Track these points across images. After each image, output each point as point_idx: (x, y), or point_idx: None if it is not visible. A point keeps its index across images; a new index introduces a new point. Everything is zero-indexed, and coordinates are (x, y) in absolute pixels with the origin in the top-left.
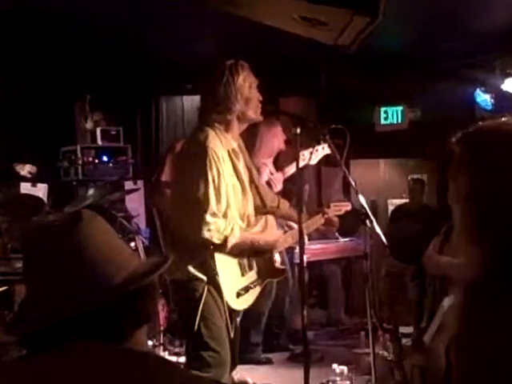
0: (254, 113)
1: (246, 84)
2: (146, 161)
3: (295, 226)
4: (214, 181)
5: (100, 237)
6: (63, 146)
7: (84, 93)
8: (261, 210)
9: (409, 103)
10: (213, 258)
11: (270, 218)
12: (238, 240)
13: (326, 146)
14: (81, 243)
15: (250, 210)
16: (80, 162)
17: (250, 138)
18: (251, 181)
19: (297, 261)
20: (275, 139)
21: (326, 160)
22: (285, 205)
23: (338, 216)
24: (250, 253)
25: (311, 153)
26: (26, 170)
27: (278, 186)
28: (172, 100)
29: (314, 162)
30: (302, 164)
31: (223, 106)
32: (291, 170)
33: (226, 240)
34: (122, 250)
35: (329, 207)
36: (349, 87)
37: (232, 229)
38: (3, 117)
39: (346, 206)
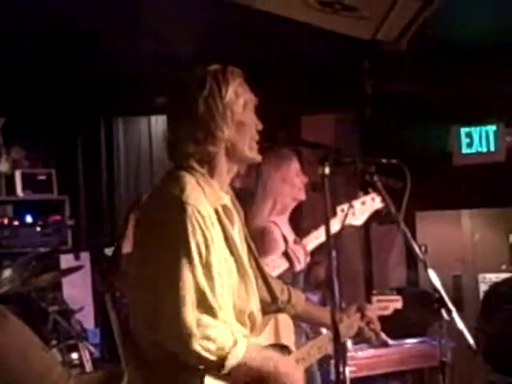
0: (248, 148)
1: (239, 100)
2: (93, 222)
3: (322, 329)
4: (201, 256)
5: (14, 354)
6: None
7: None
8: (268, 307)
9: (505, 120)
10: None
11: (283, 318)
12: (244, 359)
13: (376, 195)
14: None
15: (254, 304)
16: None
17: (249, 183)
18: (252, 258)
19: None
20: (286, 185)
21: (376, 213)
22: (299, 299)
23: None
24: (256, 381)
25: (351, 207)
26: None
27: (299, 262)
28: (133, 123)
29: (359, 222)
30: (335, 226)
31: (205, 131)
32: (317, 239)
33: (223, 360)
34: (46, 370)
35: (370, 302)
36: (409, 97)
37: (235, 343)
38: None
39: (395, 302)
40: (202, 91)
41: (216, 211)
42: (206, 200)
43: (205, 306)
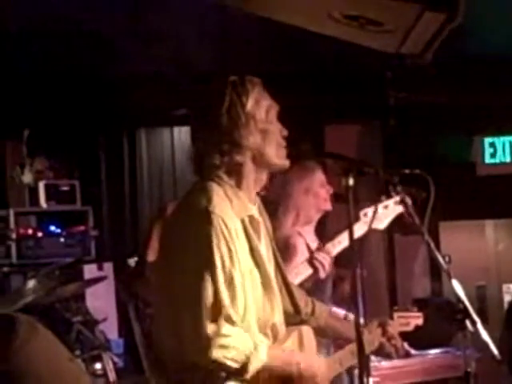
0: (275, 154)
1: (260, 108)
2: (116, 232)
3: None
4: (224, 267)
5: (43, 364)
6: None
7: (19, 127)
8: (292, 318)
9: None
10: None
11: (307, 330)
12: (265, 363)
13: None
14: (15, 375)
15: (278, 315)
16: (13, 235)
17: (274, 193)
18: (278, 269)
19: None
20: (310, 196)
21: (400, 224)
22: (323, 311)
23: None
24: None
25: (375, 212)
26: None
27: (323, 269)
28: (156, 134)
29: (382, 226)
30: (359, 231)
31: (230, 142)
32: (340, 244)
33: (245, 365)
34: (74, 380)
35: (391, 318)
36: (433, 107)
37: (256, 347)
38: None
39: (417, 318)
40: (222, 103)
41: (242, 222)
42: (233, 211)
43: (225, 316)
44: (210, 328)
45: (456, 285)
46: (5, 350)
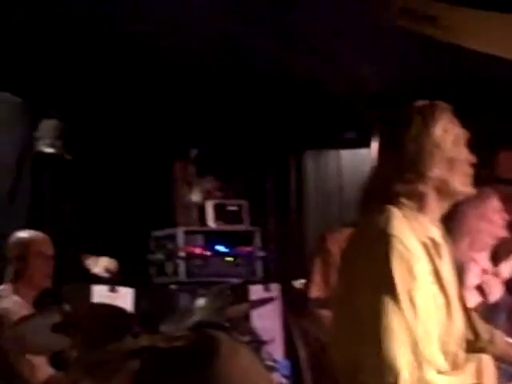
0: (460, 183)
1: (448, 137)
2: (284, 254)
3: None
4: (407, 291)
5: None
6: (155, 229)
7: (187, 147)
8: (470, 345)
9: None
10: None
11: (487, 359)
12: None
13: None
14: None
15: (458, 341)
16: (182, 253)
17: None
18: (459, 295)
19: None
20: (484, 222)
21: None
22: (501, 339)
23: None
24: None
25: None
26: (100, 265)
27: (493, 294)
28: (323, 156)
29: None
30: None
31: (414, 171)
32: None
33: None
34: None
35: None
36: None
37: None
38: (68, 183)
39: None
40: (409, 131)
41: (425, 245)
42: (413, 233)
43: (417, 346)
44: (400, 359)
45: None
46: (207, 369)
